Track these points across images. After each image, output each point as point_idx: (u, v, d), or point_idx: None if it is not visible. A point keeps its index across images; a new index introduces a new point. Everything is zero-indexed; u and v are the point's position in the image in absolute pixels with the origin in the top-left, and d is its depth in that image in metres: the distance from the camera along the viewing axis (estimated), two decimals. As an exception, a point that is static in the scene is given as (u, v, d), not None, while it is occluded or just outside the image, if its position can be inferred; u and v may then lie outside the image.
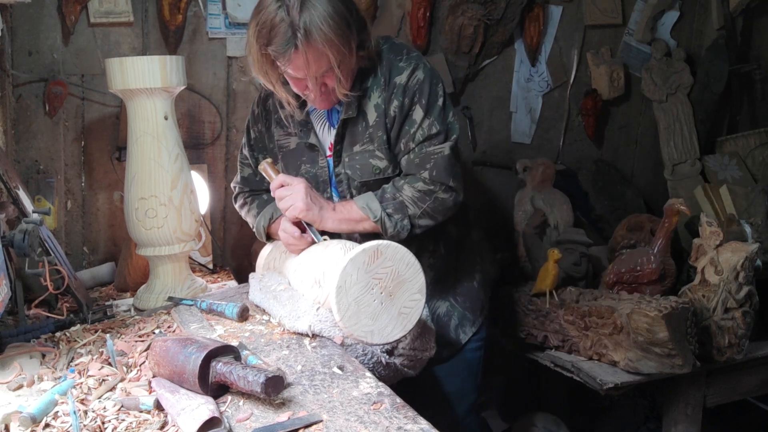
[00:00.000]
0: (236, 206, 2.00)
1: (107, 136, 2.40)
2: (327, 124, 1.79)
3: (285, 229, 1.71)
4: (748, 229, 2.48)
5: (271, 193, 1.72)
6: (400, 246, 1.40)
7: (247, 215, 1.95)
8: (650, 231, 2.51)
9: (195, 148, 2.49)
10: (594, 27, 3.01)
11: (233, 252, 2.63)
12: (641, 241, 2.50)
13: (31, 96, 2.28)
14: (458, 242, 1.93)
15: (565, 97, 3.04)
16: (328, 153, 1.78)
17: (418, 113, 1.68)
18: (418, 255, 1.76)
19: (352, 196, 1.74)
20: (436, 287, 1.85)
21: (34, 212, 1.81)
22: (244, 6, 2.44)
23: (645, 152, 3.27)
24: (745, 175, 3.08)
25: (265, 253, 1.82)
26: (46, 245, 1.73)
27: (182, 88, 1.96)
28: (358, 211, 1.67)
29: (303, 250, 1.69)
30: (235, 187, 2.00)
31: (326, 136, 1.79)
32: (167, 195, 1.90)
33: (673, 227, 2.28)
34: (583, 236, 2.56)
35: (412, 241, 1.73)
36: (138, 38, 2.38)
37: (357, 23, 1.61)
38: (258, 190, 1.95)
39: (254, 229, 1.91)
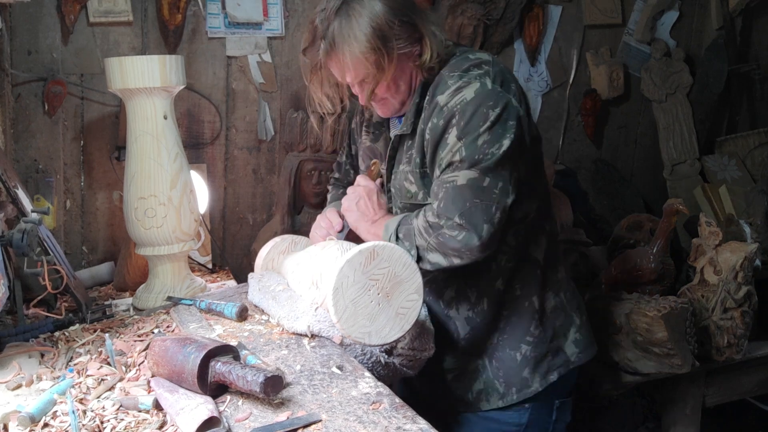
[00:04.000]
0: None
1: (106, 136, 2.40)
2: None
3: (325, 213, 1.74)
4: (747, 229, 2.48)
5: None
6: (396, 247, 1.40)
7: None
8: (649, 231, 2.51)
9: (194, 147, 2.49)
10: (593, 27, 3.01)
11: (232, 251, 2.63)
12: (640, 241, 2.50)
13: (31, 95, 2.27)
14: (505, 302, 1.65)
15: (565, 97, 3.04)
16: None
17: (452, 137, 1.47)
18: (456, 303, 1.64)
19: (399, 213, 1.66)
20: (471, 344, 1.66)
21: (33, 212, 1.80)
22: (244, 5, 2.44)
23: (644, 152, 3.27)
24: (744, 175, 3.08)
25: (263, 254, 1.81)
26: (45, 245, 1.73)
27: (181, 87, 1.96)
28: (381, 226, 1.59)
29: (321, 241, 1.70)
30: (334, 167, 2.06)
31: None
32: (166, 194, 1.90)
33: (672, 227, 2.28)
34: (583, 236, 2.57)
35: (450, 284, 1.64)
36: (137, 38, 2.37)
37: (402, 37, 1.49)
38: (344, 180, 1.97)
39: None
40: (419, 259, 1.49)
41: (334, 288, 1.33)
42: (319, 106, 1.66)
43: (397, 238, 1.53)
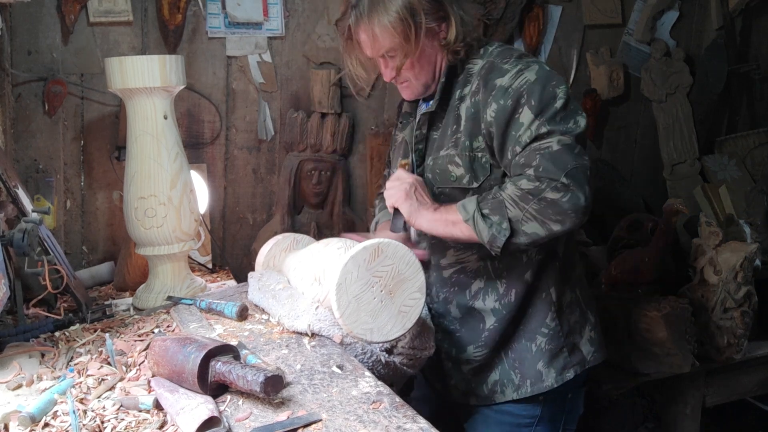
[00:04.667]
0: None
1: (106, 136, 2.40)
2: None
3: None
4: (747, 229, 2.49)
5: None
6: (400, 244, 1.40)
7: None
8: (649, 231, 2.51)
9: (194, 147, 2.49)
10: (593, 27, 3.01)
11: (232, 251, 2.63)
12: (640, 241, 2.50)
13: (31, 95, 2.27)
14: (531, 294, 1.65)
15: (565, 97, 3.04)
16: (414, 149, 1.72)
17: (526, 116, 1.46)
18: (484, 294, 1.64)
19: (435, 198, 1.62)
20: (494, 336, 1.65)
21: (33, 211, 1.80)
22: (244, 5, 2.44)
23: (644, 152, 3.27)
24: (744, 175, 3.08)
25: (265, 251, 1.82)
26: (46, 244, 1.73)
27: (182, 87, 1.96)
28: (456, 212, 1.50)
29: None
30: (381, 181, 2.01)
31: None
32: (166, 194, 1.90)
33: (672, 227, 2.28)
34: (583, 236, 2.57)
35: (479, 276, 1.63)
36: (137, 37, 2.38)
37: (430, 14, 1.53)
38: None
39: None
40: (512, 234, 1.44)
41: (337, 283, 1.33)
42: (355, 76, 1.69)
43: (483, 215, 1.46)
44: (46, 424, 1.19)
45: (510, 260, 1.59)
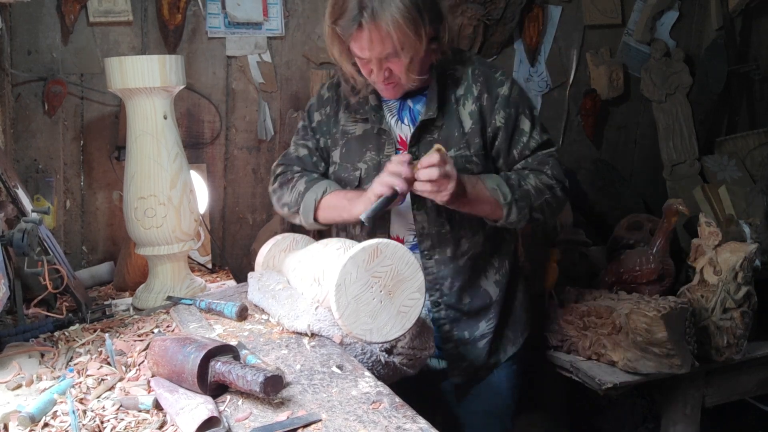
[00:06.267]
0: (275, 185, 1.89)
1: (106, 136, 2.40)
2: (396, 117, 1.77)
3: (397, 160, 1.57)
4: (746, 229, 2.48)
5: (423, 163, 1.55)
6: (399, 245, 1.40)
7: (290, 192, 1.82)
8: (649, 231, 2.51)
9: (194, 147, 2.49)
10: (593, 27, 3.01)
11: (232, 251, 2.63)
12: (640, 241, 2.50)
13: (31, 95, 2.28)
14: (516, 267, 1.94)
15: (565, 97, 3.05)
16: (398, 146, 1.75)
17: (525, 123, 1.74)
18: (488, 272, 1.83)
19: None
20: (501, 305, 1.86)
21: (33, 211, 1.80)
22: (244, 5, 2.44)
23: (644, 152, 3.27)
24: (744, 175, 3.08)
25: (264, 251, 1.82)
26: (45, 244, 1.73)
27: (181, 87, 1.96)
28: (485, 190, 1.64)
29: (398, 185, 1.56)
30: (280, 166, 1.92)
31: (394, 129, 1.77)
32: (166, 194, 1.90)
33: (672, 227, 2.28)
34: (583, 236, 2.57)
35: (483, 255, 1.80)
36: (137, 37, 2.38)
37: (431, 12, 1.60)
38: (312, 172, 1.87)
39: (294, 207, 1.80)
40: (531, 219, 1.70)
41: (336, 284, 1.33)
42: (351, 78, 1.73)
43: (515, 200, 1.67)
44: (46, 424, 1.19)
45: (498, 239, 1.82)
